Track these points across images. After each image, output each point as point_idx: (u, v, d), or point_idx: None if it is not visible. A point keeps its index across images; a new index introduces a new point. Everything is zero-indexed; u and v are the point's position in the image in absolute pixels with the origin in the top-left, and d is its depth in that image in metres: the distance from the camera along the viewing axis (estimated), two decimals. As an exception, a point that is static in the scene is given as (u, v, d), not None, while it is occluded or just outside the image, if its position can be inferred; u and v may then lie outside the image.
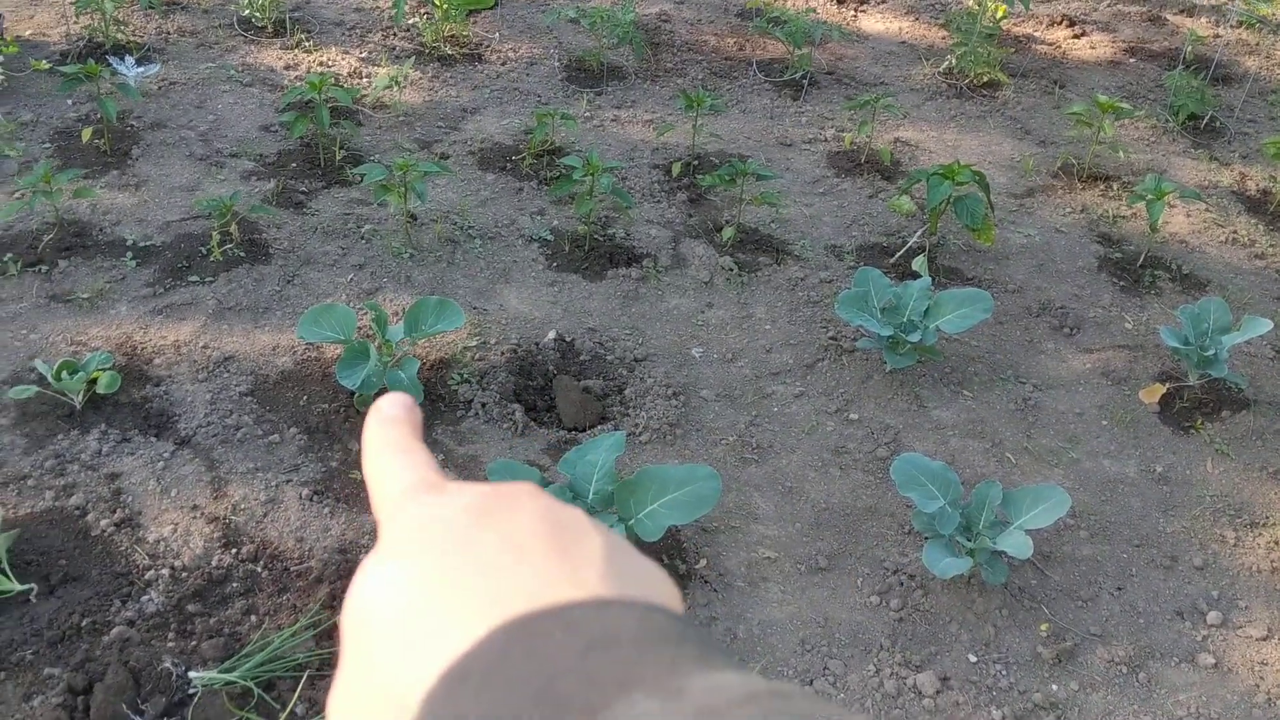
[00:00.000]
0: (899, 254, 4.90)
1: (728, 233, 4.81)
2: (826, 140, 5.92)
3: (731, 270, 4.73)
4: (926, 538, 3.39)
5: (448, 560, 0.48)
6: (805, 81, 6.43)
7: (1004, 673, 3.23)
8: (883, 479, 3.79)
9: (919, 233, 4.95)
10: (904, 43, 7.30)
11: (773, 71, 6.59)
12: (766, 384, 4.18)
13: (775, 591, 3.37)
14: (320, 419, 3.82)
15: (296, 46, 6.26)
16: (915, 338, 4.01)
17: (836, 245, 5.01)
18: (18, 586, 3.09)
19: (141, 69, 5.31)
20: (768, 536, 3.55)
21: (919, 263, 4.71)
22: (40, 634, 3.01)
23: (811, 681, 3.12)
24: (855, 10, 7.66)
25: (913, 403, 4.15)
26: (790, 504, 3.68)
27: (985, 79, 6.70)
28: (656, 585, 0.49)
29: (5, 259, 4.33)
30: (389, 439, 0.59)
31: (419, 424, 0.61)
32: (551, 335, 4.32)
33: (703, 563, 3.43)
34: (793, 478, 3.78)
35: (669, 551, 3.43)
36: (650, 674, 0.41)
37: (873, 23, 7.53)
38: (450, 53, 6.34)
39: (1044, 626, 3.37)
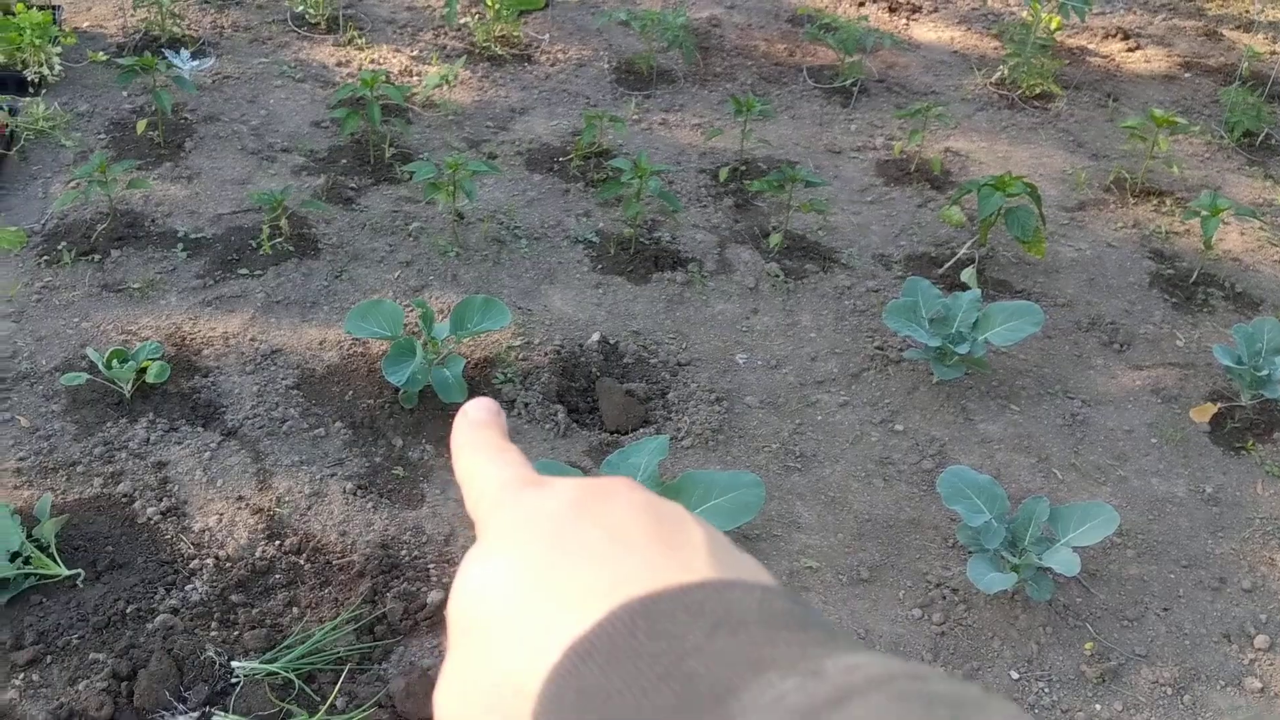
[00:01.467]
0: (948, 265, 4.86)
1: (775, 239, 4.79)
2: (876, 148, 5.88)
3: (778, 276, 4.71)
4: (971, 552, 3.36)
5: (556, 550, 0.48)
6: (855, 89, 6.39)
7: (1047, 690, 3.19)
8: (927, 491, 3.76)
9: (968, 244, 4.91)
10: (956, 52, 7.24)
11: (823, 78, 6.56)
12: (811, 392, 4.16)
13: (816, 601, 3.35)
14: (365, 414, 3.84)
15: (349, 43, 6.30)
16: (964, 349, 3.97)
17: (884, 254, 4.97)
18: (65, 571, 3.12)
19: (196, 63, 5.37)
20: (810, 546, 3.53)
21: (968, 274, 4.67)
22: (86, 619, 3.04)
23: (851, 693, 3.09)
24: (907, 19, 7.61)
25: (959, 415, 4.11)
26: (833, 514, 3.65)
27: (1038, 90, 6.63)
28: (763, 573, 0.50)
29: (60, 247, 4.38)
30: (480, 440, 0.60)
31: (505, 427, 0.62)
32: (595, 337, 4.32)
33: (744, 570, 3.40)
34: (836, 488, 3.75)
35: (710, 557, 3.41)
36: (782, 654, 0.41)
37: (924, 31, 7.48)
38: (500, 53, 6.36)
39: (1088, 645, 3.32)
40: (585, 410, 4.05)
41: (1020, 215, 4.68)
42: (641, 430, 3.91)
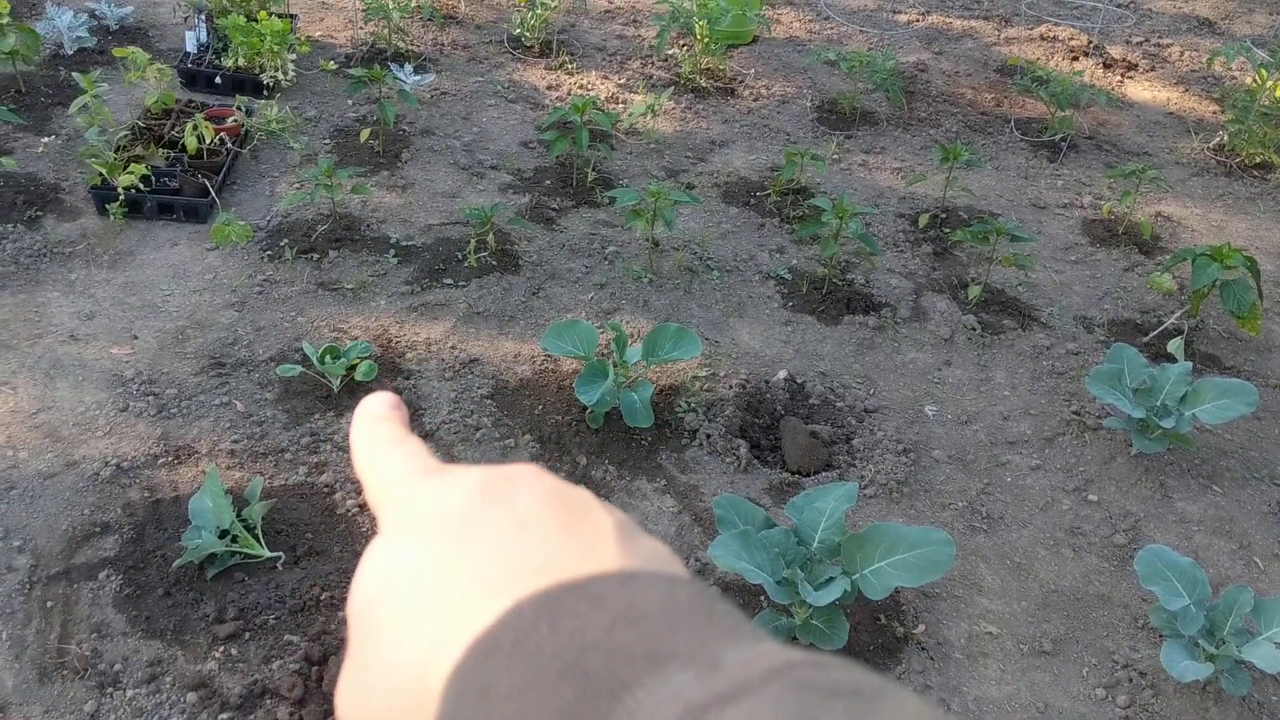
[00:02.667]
0: (1153, 333, 4.68)
1: (974, 291, 4.70)
2: (1083, 207, 5.71)
3: (974, 330, 4.62)
4: (1165, 636, 3.22)
5: (460, 539, 0.47)
6: (1064, 144, 6.23)
7: (1236, 793, 3.02)
8: (1119, 567, 3.62)
9: (1177, 314, 4.72)
10: (1171, 114, 6.98)
11: (1030, 131, 6.42)
12: (1002, 452, 4.05)
13: (994, 669, 3.26)
14: (553, 429, 3.92)
15: (560, 68, 6.48)
16: (1169, 423, 3.82)
17: (1087, 316, 4.82)
18: (268, 553, 3.29)
19: (418, 77, 5.61)
20: (991, 611, 3.44)
21: (1175, 345, 4.48)
22: (283, 601, 3.19)
23: (1026, 768, 2.99)
24: (1122, 76, 7.38)
25: (1157, 491, 3.94)
26: (1018, 580, 3.55)
27: (1258, 159, 6.34)
28: (671, 562, 0.48)
29: (282, 244, 4.63)
30: (380, 433, 0.58)
31: (407, 420, 0.60)
32: (782, 375, 4.31)
33: (921, 628, 3.34)
34: (1022, 553, 3.65)
35: (887, 612, 3.36)
36: (683, 647, 0.39)
37: (1140, 90, 7.24)
38: (705, 85, 6.44)
39: (1284, 750, 3.14)
40: (767, 447, 4.04)
41: (1236, 289, 4.48)
42: (824, 474, 3.88)
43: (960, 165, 5.25)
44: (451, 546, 0.47)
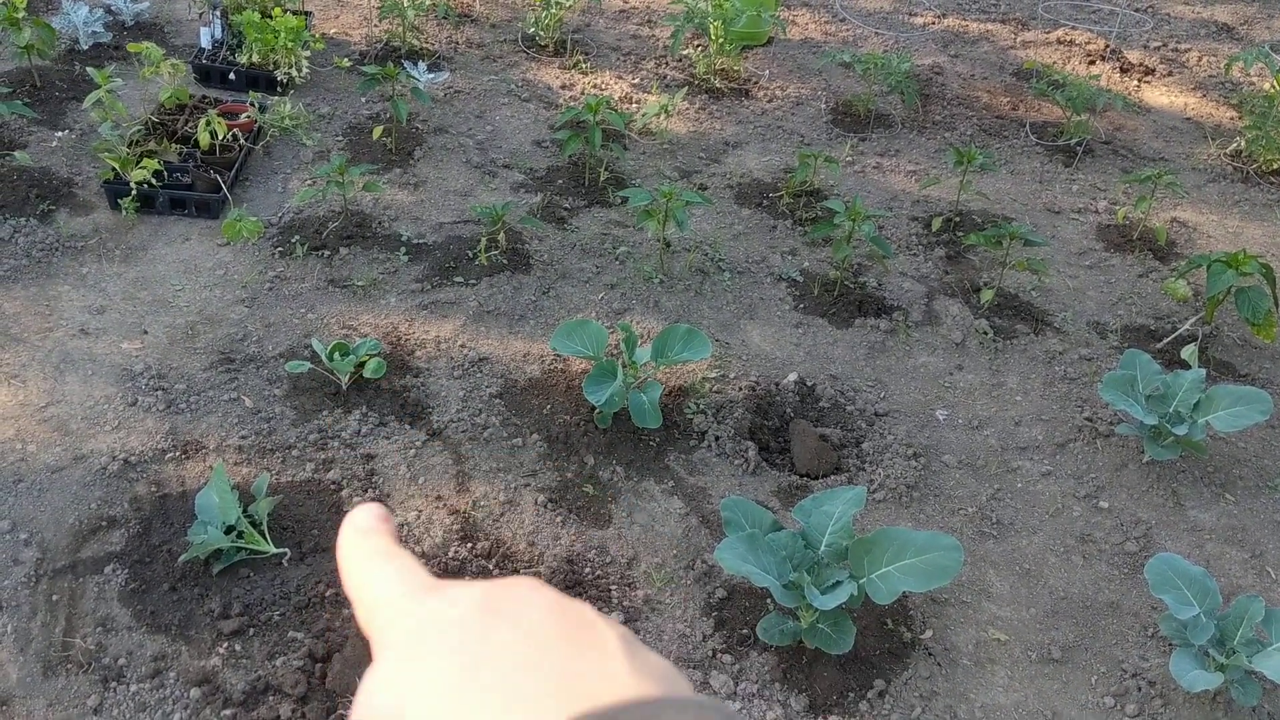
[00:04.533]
0: (1167, 340, 4.64)
1: (987, 295, 4.67)
2: (1098, 212, 5.68)
3: (986, 334, 4.59)
4: (1174, 645, 3.19)
5: (468, 661, 0.46)
6: (1080, 149, 6.19)
7: (1245, 805, 2.99)
8: (1129, 575, 3.59)
9: (1191, 320, 4.68)
10: (1189, 119, 6.93)
11: (1046, 135, 6.38)
12: (1013, 458, 4.03)
13: (1002, 676, 3.23)
14: (561, 429, 3.91)
15: (574, 67, 6.47)
16: (1181, 430, 3.78)
17: (1100, 322, 4.79)
18: (273, 549, 3.28)
19: (432, 75, 5.60)
20: (1000, 617, 3.41)
21: (1189, 352, 4.44)
22: (288, 598, 3.18)
23: (1033, 776, 2.97)
24: (1139, 81, 7.33)
25: (1169, 499, 3.91)
26: (1027, 587, 3.52)
27: (1276, 165, 6.29)
28: (676, 677, 0.48)
29: (293, 240, 4.63)
30: (370, 548, 0.57)
31: (395, 533, 0.58)
32: (792, 377, 4.29)
33: (928, 633, 3.32)
34: (1032, 560, 3.62)
35: (894, 617, 3.34)
36: None
37: (1157, 95, 7.19)
38: (719, 86, 6.42)
39: (1295, 762, 3.10)
40: (776, 450, 4.02)
41: (1251, 296, 4.44)
42: (833, 477, 3.86)
43: (974, 169, 5.22)
44: (462, 666, 0.45)
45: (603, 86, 6.31)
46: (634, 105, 6.15)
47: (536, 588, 0.50)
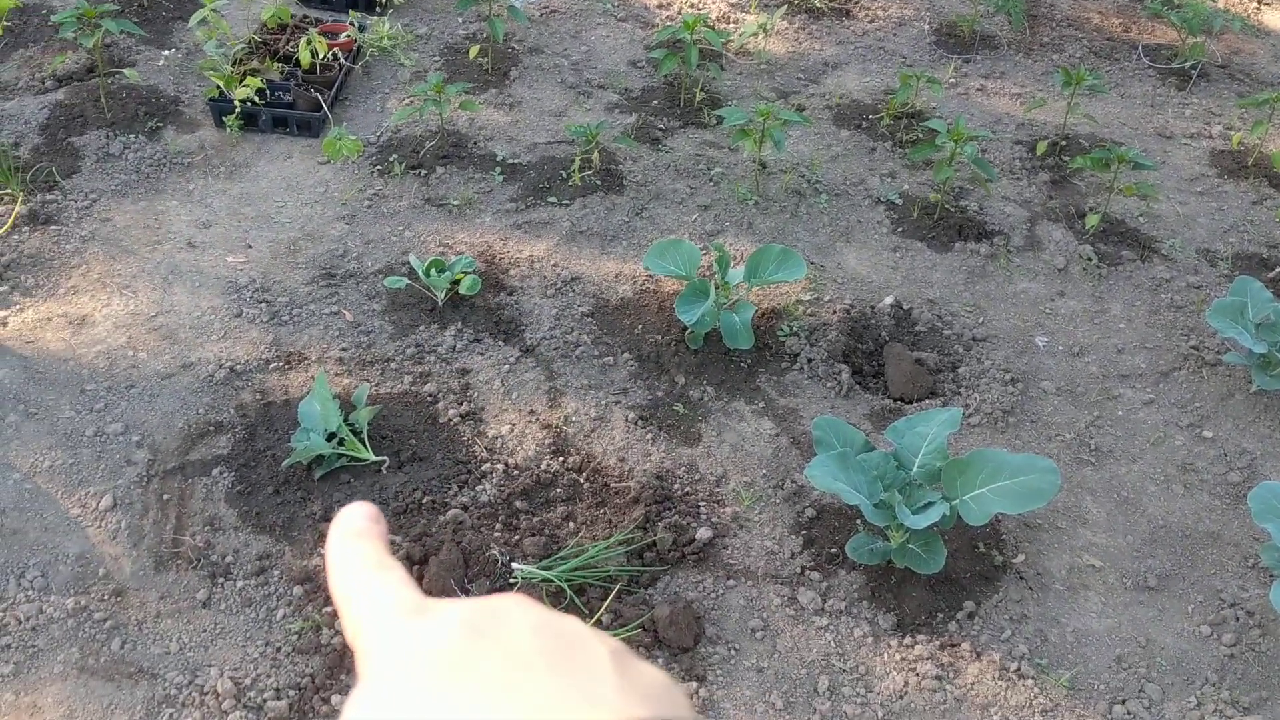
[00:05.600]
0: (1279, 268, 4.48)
1: (1092, 220, 4.54)
2: (1211, 137, 5.46)
3: (1090, 260, 4.47)
4: (1275, 575, 3.11)
5: (451, 684, 0.45)
6: (1194, 72, 5.94)
7: (1345, 739, 2.93)
8: (1231, 505, 3.50)
9: (1309, 248, 4.50)
10: (1314, 40, 6.60)
11: (1159, 58, 6.13)
12: (1114, 385, 3.94)
13: (1095, 602, 3.19)
14: (652, 349, 3.92)
15: (671, -14, 6.37)
16: (1293, 361, 3.66)
17: (1210, 250, 4.63)
18: (373, 457, 3.37)
19: (528, -5, 5.57)
20: (1095, 544, 3.36)
21: (1304, 281, 4.28)
22: (387, 504, 3.27)
23: (1124, 702, 2.94)
24: (1259, 3, 6.99)
25: (1277, 429, 3.79)
26: (1124, 515, 3.46)
27: None
28: (669, 695, 0.46)
29: (391, 159, 4.68)
30: (359, 556, 0.55)
31: (386, 534, 0.57)
32: (888, 301, 4.24)
33: (1021, 558, 3.29)
34: (1130, 488, 3.55)
35: (986, 540, 3.31)
36: None
37: (1278, 18, 6.85)
38: (819, 5, 6.28)
39: (1400, 699, 3.02)
40: (869, 374, 3.99)
41: (1376, 223, 4.25)
42: (927, 401, 3.82)
43: (1083, 91, 5.04)
44: (446, 696, 0.45)
45: (700, 6, 6.22)
46: (731, 24, 6.05)
47: (524, 606, 0.50)
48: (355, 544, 0.56)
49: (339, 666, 2.88)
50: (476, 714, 0.44)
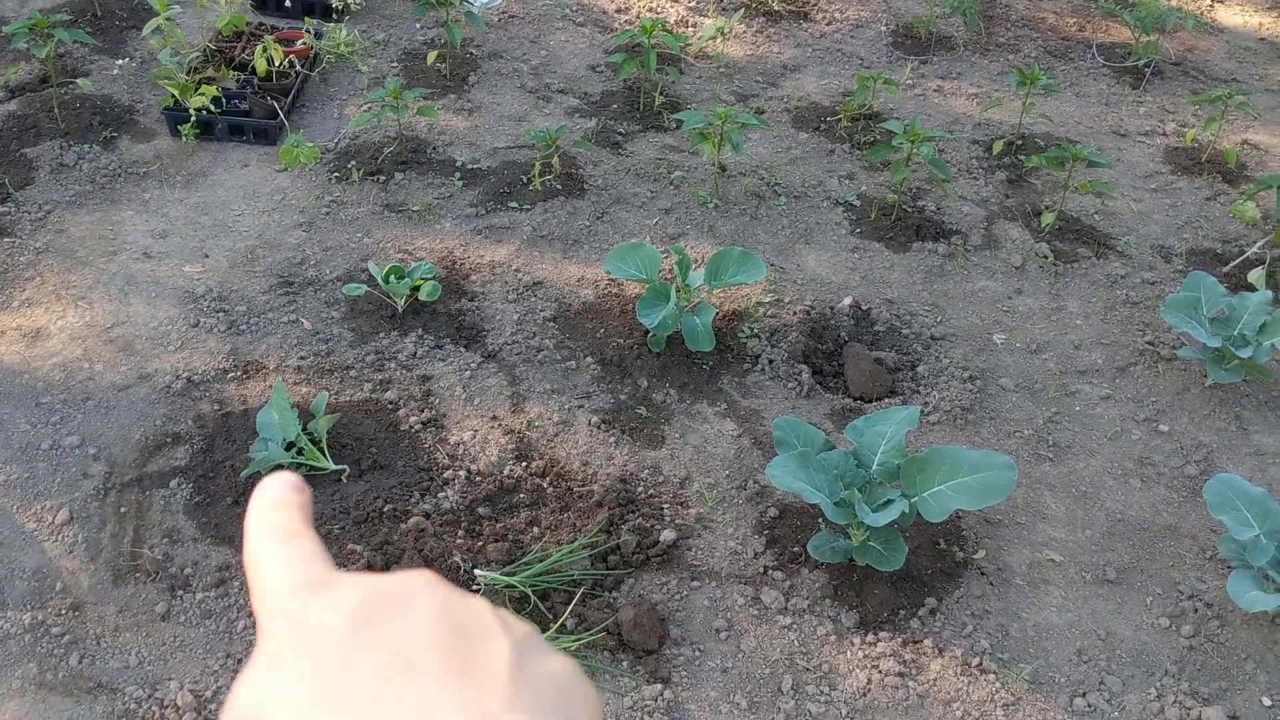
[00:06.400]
0: (1234, 263, 4.54)
1: (1048, 218, 4.59)
2: (1165, 134, 5.53)
3: (1047, 258, 4.52)
4: (1232, 566, 3.15)
5: (329, 681, 0.44)
6: (1148, 70, 6.02)
7: (1301, 726, 2.97)
8: (1188, 498, 3.55)
9: (1260, 243, 4.56)
10: (1263, 39, 6.71)
11: (1113, 56, 6.21)
12: (1071, 381, 3.98)
13: (1056, 596, 3.22)
14: (615, 352, 3.93)
15: (629, -9, 6.39)
16: (1246, 353, 3.71)
17: (1165, 246, 4.69)
18: (332, 466, 3.35)
19: (487, 0, 5.56)
20: (1055, 539, 3.40)
21: (1256, 275, 4.34)
22: (348, 512, 3.25)
23: (1085, 695, 2.97)
24: (1212, 0, 7.09)
25: (1232, 422, 3.84)
26: (1083, 509, 3.50)
27: (1357, 85, 6.07)
28: (571, 699, 0.45)
29: (350, 166, 4.66)
30: (274, 524, 0.54)
31: (308, 505, 0.55)
32: (848, 301, 4.26)
33: (981, 554, 3.31)
34: (1089, 483, 3.59)
35: (947, 537, 3.33)
36: None
37: (1230, 15, 6.95)
38: (778, 9, 6.31)
39: (1354, 686, 3.07)
40: (830, 374, 4.01)
41: (1325, 217, 4.32)
42: (887, 400, 3.85)
43: (1038, 91, 5.09)
44: (321, 686, 0.44)
45: (658, 9, 6.23)
46: (690, 28, 6.07)
47: (430, 588, 0.48)
48: (271, 514, 0.54)
49: (301, 677, 2.86)
50: (354, 706, 0.42)
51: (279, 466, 3.28)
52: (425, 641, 0.45)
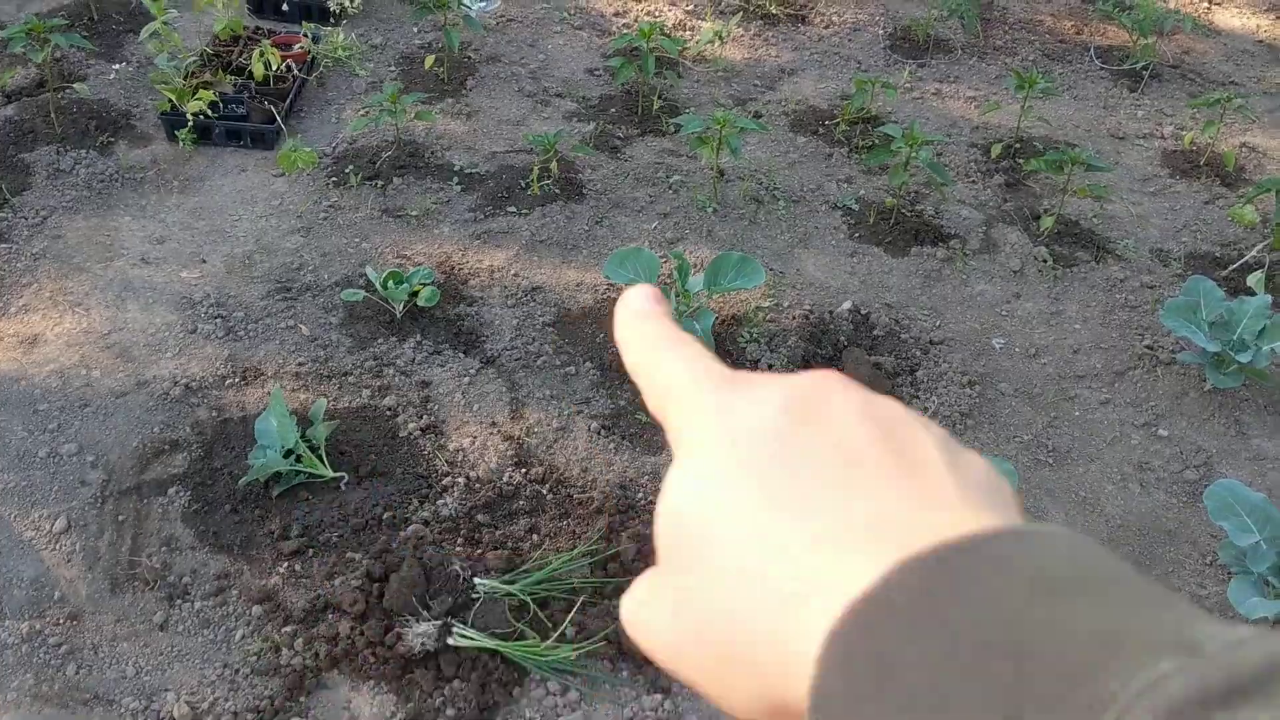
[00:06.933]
0: (1233, 267, 4.53)
1: (1046, 222, 4.58)
2: (1163, 138, 5.53)
3: (1045, 262, 4.51)
4: (1233, 573, 3.15)
5: (783, 471, 0.42)
6: (1146, 73, 6.02)
7: (1302, 733, 2.96)
8: (1188, 503, 3.54)
9: (1259, 247, 4.56)
10: (1261, 41, 6.70)
11: (1111, 59, 6.20)
12: (1070, 386, 3.97)
13: (1056, 601, 3.22)
14: (614, 357, 3.91)
15: (627, -6, 6.38)
16: (1245, 358, 3.71)
17: (1163, 249, 4.68)
18: (331, 473, 3.34)
19: (484, 4, 5.56)
20: (1054, 543, 3.39)
21: (1255, 279, 4.34)
22: (346, 520, 3.24)
23: (1086, 701, 2.96)
24: (1209, 3, 7.09)
25: (1231, 427, 3.84)
26: (1083, 515, 3.49)
27: (1354, 88, 6.07)
28: (1002, 489, 0.43)
29: (347, 170, 4.65)
30: (653, 332, 0.52)
31: (672, 314, 0.54)
32: (847, 306, 4.25)
33: (982, 559, 3.30)
34: (1089, 488, 3.59)
35: (947, 542, 3.32)
36: (1135, 626, 0.34)
37: (1228, 17, 6.95)
38: (775, 12, 6.31)
39: (1355, 692, 3.07)
40: (830, 378, 4.00)
41: (1323, 221, 4.31)
42: (887, 405, 3.84)
43: (1036, 94, 5.08)
44: (777, 480, 0.42)
45: (657, 14, 6.22)
46: (688, 32, 6.07)
47: (844, 387, 0.46)
48: (644, 323, 0.53)
49: (298, 688, 2.85)
50: (818, 509, 0.41)
51: (277, 474, 3.28)
52: (861, 434, 0.43)
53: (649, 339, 0.52)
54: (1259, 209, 4.70)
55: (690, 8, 6.33)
